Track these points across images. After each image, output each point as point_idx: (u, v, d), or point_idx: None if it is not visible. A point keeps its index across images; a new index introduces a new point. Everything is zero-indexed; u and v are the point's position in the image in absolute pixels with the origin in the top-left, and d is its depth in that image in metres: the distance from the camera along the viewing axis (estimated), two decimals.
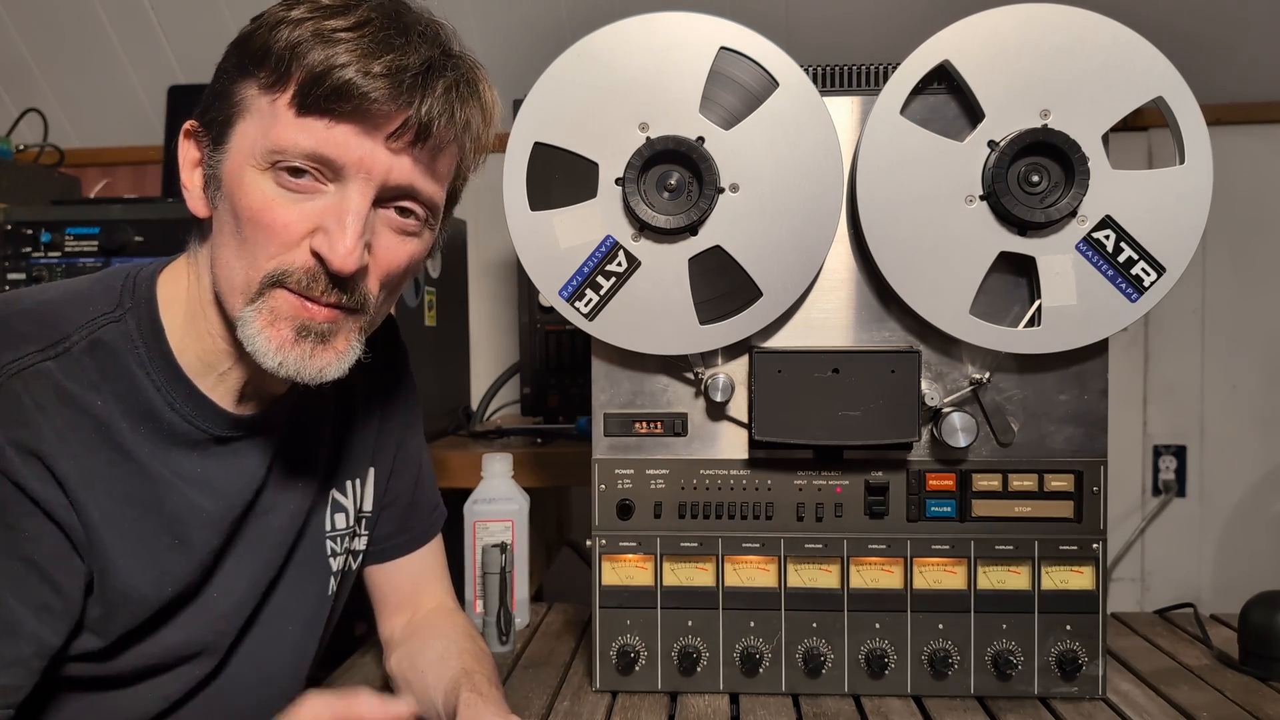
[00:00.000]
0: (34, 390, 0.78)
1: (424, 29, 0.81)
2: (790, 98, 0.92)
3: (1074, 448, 0.99)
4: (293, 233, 0.79)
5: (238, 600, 0.91)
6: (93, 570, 0.81)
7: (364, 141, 0.78)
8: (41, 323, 0.81)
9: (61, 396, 0.79)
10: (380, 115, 0.78)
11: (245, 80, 0.80)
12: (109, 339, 0.83)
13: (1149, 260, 0.92)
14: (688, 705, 0.99)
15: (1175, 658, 1.11)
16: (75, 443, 0.79)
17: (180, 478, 0.85)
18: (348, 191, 0.79)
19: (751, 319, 0.96)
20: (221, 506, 0.88)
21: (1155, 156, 2.11)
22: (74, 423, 0.79)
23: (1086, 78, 0.90)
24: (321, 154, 0.78)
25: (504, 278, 2.24)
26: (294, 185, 0.79)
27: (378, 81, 0.76)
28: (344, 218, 0.79)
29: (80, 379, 0.80)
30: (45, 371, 0.79)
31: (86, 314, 0.83)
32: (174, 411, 0.85)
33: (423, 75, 0.79)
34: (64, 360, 0.80)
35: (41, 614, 0.77)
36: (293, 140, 0.78)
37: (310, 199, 0.79)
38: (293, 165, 0.78)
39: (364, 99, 0.76)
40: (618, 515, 1.01)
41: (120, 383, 0.83)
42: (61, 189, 2.12)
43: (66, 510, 0.79)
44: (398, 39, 0.78)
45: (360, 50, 0.77)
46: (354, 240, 0.78)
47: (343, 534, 1.01)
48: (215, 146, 0.82)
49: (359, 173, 0.79)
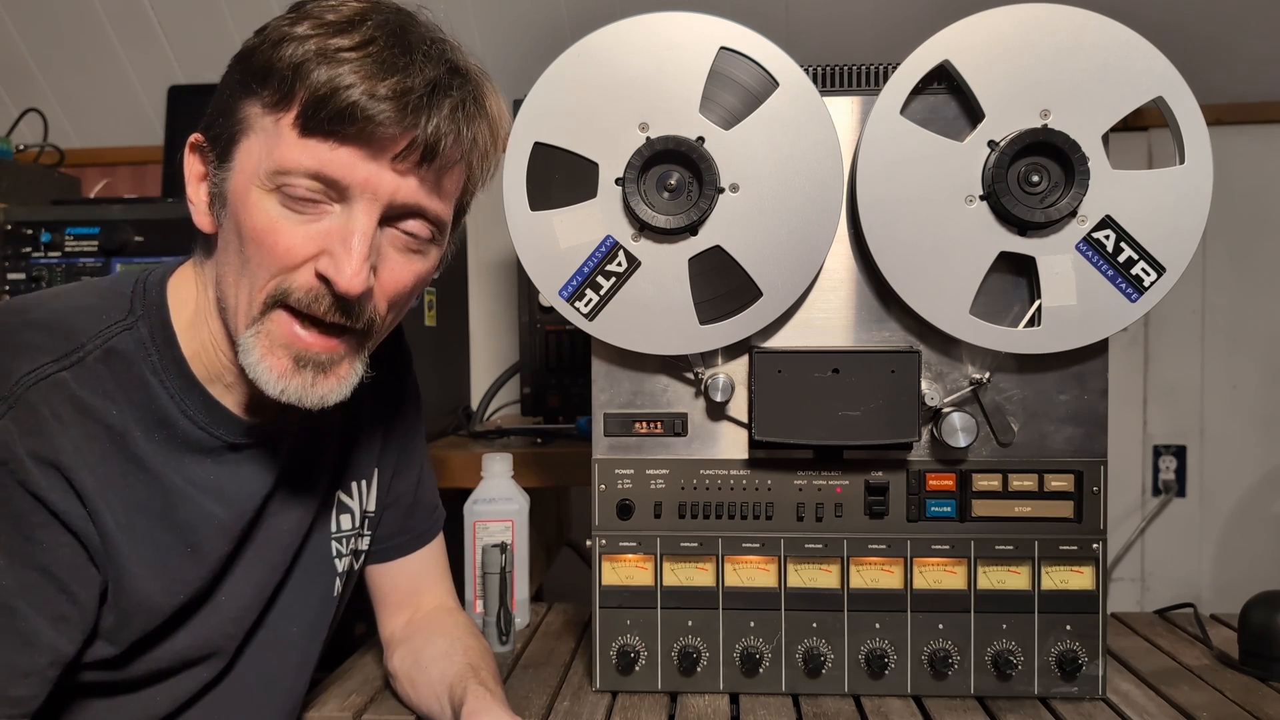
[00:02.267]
0: (51, 401, 0.77)
1: (429, 47, 0.80)
2: (790, 98, 0.92)
3: (1074, 448, 0.99)
4: (296, 255, 0.78)
5: (245, 604, 0.91)
6: (108, 580, 0.81)
7: (369, 163, 0.77)
8: (55, 333, 0.81)
9: (77, 406, 0.79)
10: (386, 137, 0.77)
11: (249, 98, 0.79)
12: (122, 347, 0.82)
13: (1149, 260, 0.92)
14: (688, 705, 0.99)
15: (1175, 658, 1.11)
16: (91, 453, 0.79)
17: (193, 485, 0.85)
18: (353, 212, 0.78)
19: (751, 319, 0.96)
20: (233, 514, 0.88)
21: (1155, 156, 2.10)
22: (90, 432, 0.79)
23: (1086, 78, 0.90)
24: (326, 174, 0.77)
25: (504, 278, 2.23)
26: (298, 206, 0.78)
27: (383, 104, 0.75)
28: (349, 239, 0.78)
29: (95, 388, 0.80)
30: (61, 382, 0.78)
31: (100, 322, 0.83)
32: (187, 419, 0.84)
33: (428, 96, 0.77)
34: (79, 370, 0.79)
35: (58, 624, 0.77)
36: (296, 161, 0.77)
37: (315, 220, 0.78)
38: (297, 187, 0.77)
39: (369, 121, 0.75)
40: (618, 515, 1.01)
41: (134, 391, 0.82)
42: (61, 189, 2.12)
43: (84, 521, 0.78)
44: (402, 59, 0.77)
45: (365, 71, 0.75)
46: (360, 263, 0.77)
47: (348, 535, 1.01)
48: (220, 163, 0.82)
49: (364, 193, 0.78)
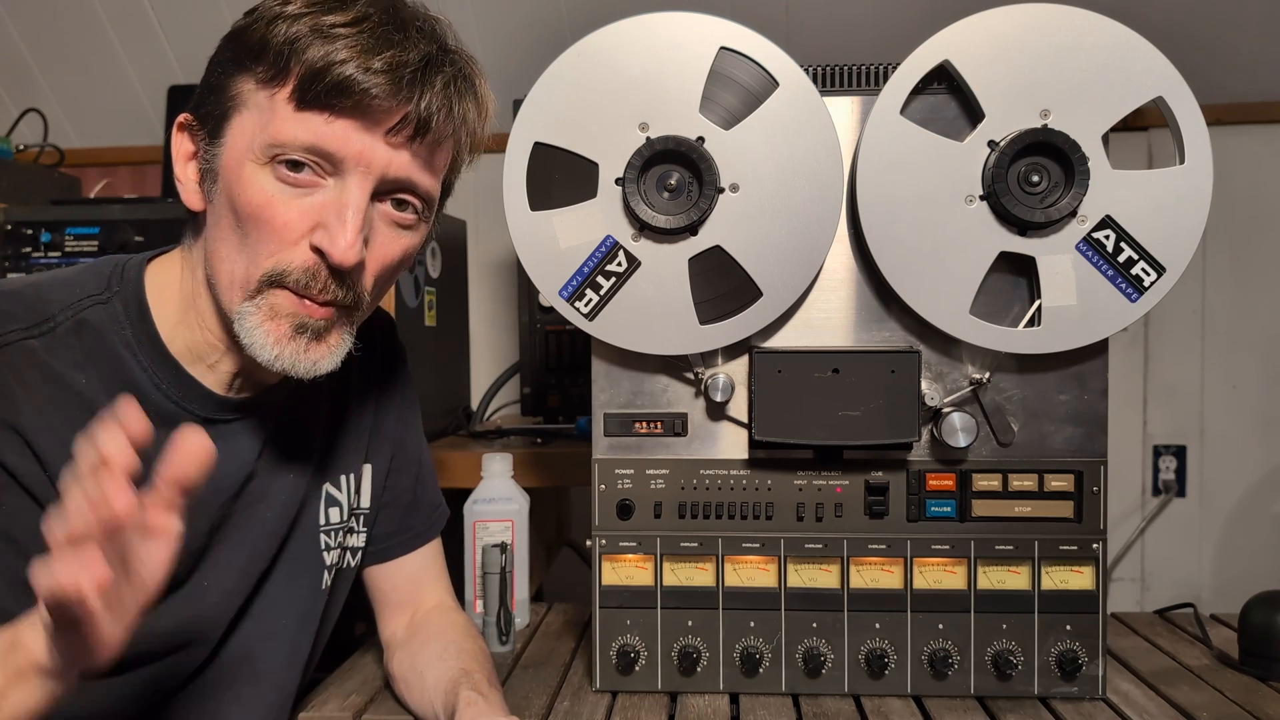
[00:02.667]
0: (15, 366, 0.79)
1: (421, 24, 0.82)
2: (790, 98, 0.92)
3: (1074, 448, 0.99)
4: (293, 230, 0.80)
5: (229, 590, 0.91)
6: None
7: (364, 136, 0.79)
8: (27, 302, 0.82)
9: (44, 373, 0.80)
10: (380, 110, 0.79)
11: (242, 74, 0.81)
12: (94, 320, 0.84)
13: (1149, 260, 0.92)
14: (688, 705, 0.99)
15: (1175, 658, 1.11)
16: (56, 418, 0.79)
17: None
18: (347, 185, 0.80)
19: (751, 319, 0.96)
20: (209, 490, 0.86)
21: (1155, 156, 2.10)
22: (56, 399, 0.80)
23: (1086, 78, 0.90)
24: (321, 148, 0.79)
25: (504, 278, 2.23)
26: (293, 179, 0.79)
27: (378, 77, 0.77)
28: (344, 212, 0.79)
29: (64, 357, 0.81)
30: (29, 349, 0.80)
31: (72, 295, 0.84)
32: (160, 392, 0.85)
33: (422, 71, 0.80)
34: (48, 339, 0.81)
35: (16, 590, 0.76)
36: (292, 134, 0.78)
37: (309, 194, 0.80)
38: (292, 158, 0.79)
39: (364, 95, 0.77)
40: (618, 515, 1.01)
41: (105, 363, 0.83)
42: (61, 189, 2.12)
43: (44, 485, 0.79)
44: (396, 34, 0.79)
45: (360, 46, 0.77)
46: (354, 234, 0.79)
47: (337, 528, 1.01)
48: (211, 140, 0.83)
49: (358, 166, 0.79)
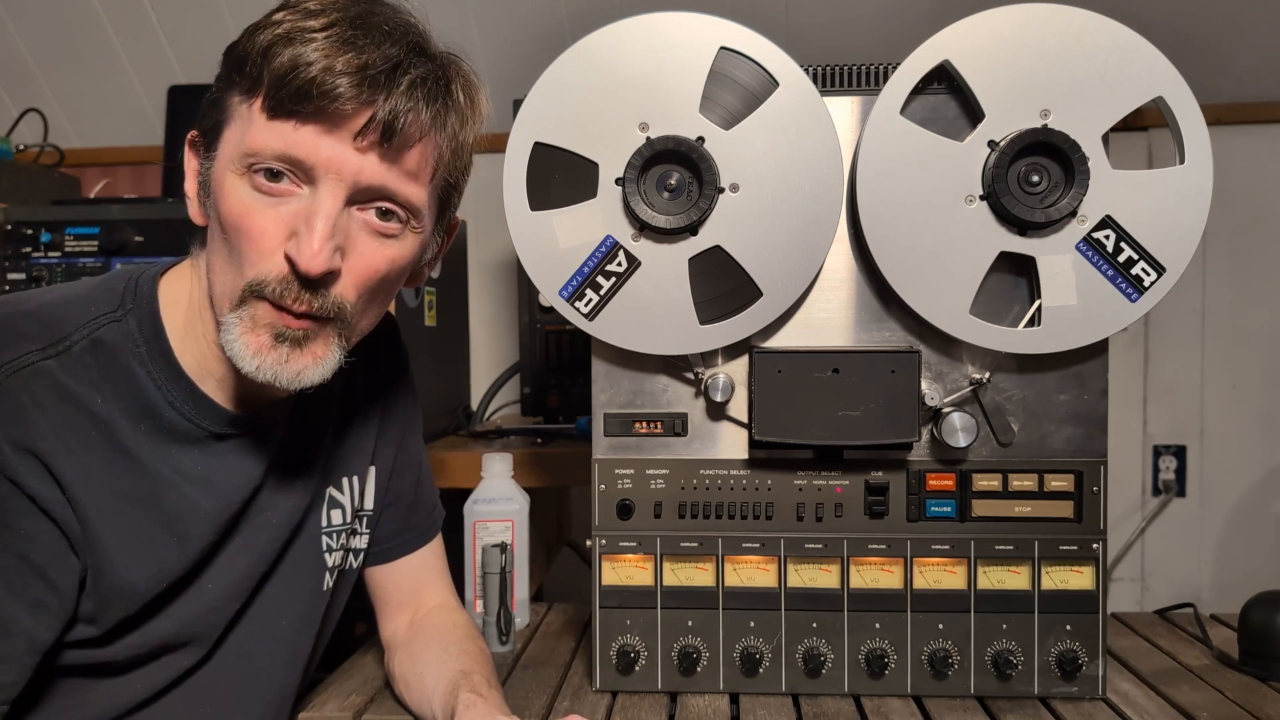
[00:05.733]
0: (33, 388, 0.79)
1: (391, 29, 0.81)
2: (790, 98, 0.92)
3: (1074, 448, 0.99)
4: (269, 239, 0.79)
5: (229, 592, 0.91)
6: (87, 567, 0.81)
7: (331, 142, 0.78)
8: (43, 323, 0.82)
9: (61, 395, 0.80)
10: (343, 114, 0.78)
11: (230, 88, 0.82)
12: (109, 338, 0.83)
13: (1149, 260, 0.92)
14: (688, 705, 0.99)
15: (1175, 658, 1.11)
16: (74, 440, 0.80)
17: (180, 475, 0.85)
18: (319, 193, 0.79)
19: (751, 319, 0.96)
20: (220, 504, 0.88)
21: (1155, 156, 2.11)
22: (73, 421, 0.80)
23: (1086, 78, 0.90)
24: (291, 155, 0.78)
25: (504, 278, 2.23)
26: (269, 189, 0.79)
27: (339, 79, 0.76)
28: (313, 220, 0.79)
29: (80, 377, 0.81)
30: (45, 370, 0.80)
31: (87, 314, 0.84)
32: (174, 409, 0.85)
33: (387, 73, 0.78)
34: (64, 359, 0.81)
35: (36, 611, 0.78)
36: (264, 143, 0.78)
37: (285, 203, 0.80)
38: (269, 167, 0.79)
39: (325, 97, 0.76)
40: (618, 515, 1.01)
41: (120, 381, 0.83)
42: (61, 189, 2.12)
43: (63, 508, 0.79)
44: (362, 39, 0.78)
45: (324, 50, 0.77)
46: (320, 241, 0.78)
47: (339, 530, 1.01)
48: (206, 154, 0.84)
49: (329, 173, 0.79)
